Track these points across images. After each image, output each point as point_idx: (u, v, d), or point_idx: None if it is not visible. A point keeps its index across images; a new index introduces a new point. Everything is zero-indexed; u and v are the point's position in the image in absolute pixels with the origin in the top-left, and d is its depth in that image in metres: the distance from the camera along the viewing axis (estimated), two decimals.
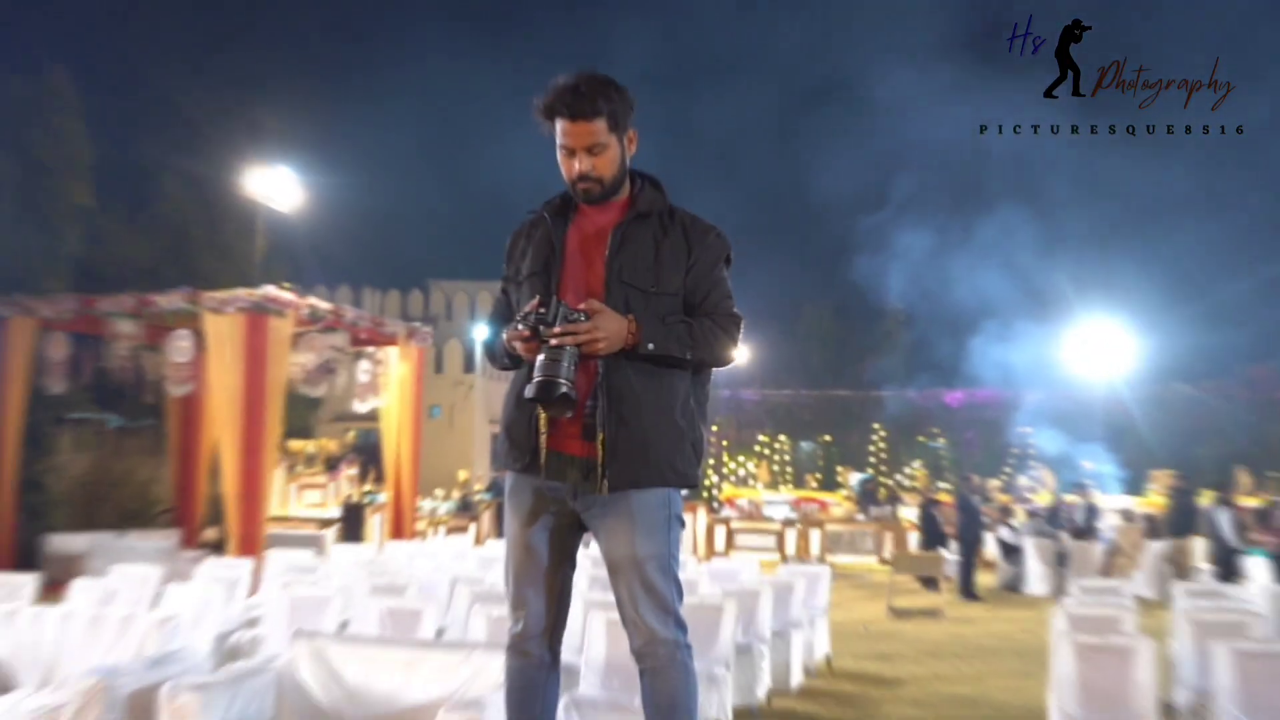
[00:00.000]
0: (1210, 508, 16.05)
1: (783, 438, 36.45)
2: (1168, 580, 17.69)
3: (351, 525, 17.27)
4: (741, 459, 34.88)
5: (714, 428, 33.18)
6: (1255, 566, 15.01)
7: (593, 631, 6.45)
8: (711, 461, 33.16)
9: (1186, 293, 34.43)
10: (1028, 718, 8.36)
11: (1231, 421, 31.43)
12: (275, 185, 17.82)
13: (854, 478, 31.96)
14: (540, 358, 3.12)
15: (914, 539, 23.06)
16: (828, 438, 37.70)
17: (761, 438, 35.89)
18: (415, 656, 5.26)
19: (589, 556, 12.77)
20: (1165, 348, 31.55)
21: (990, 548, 19.87)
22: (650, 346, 3.23)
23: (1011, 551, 19.26)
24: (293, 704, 5.22)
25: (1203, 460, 29.28)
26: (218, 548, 16.51)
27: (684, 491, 3.43)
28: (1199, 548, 19.32)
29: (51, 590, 9.99)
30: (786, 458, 36.22)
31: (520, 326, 3.20)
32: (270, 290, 13.76)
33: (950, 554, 17.70)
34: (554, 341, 3.12)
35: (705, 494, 30.45)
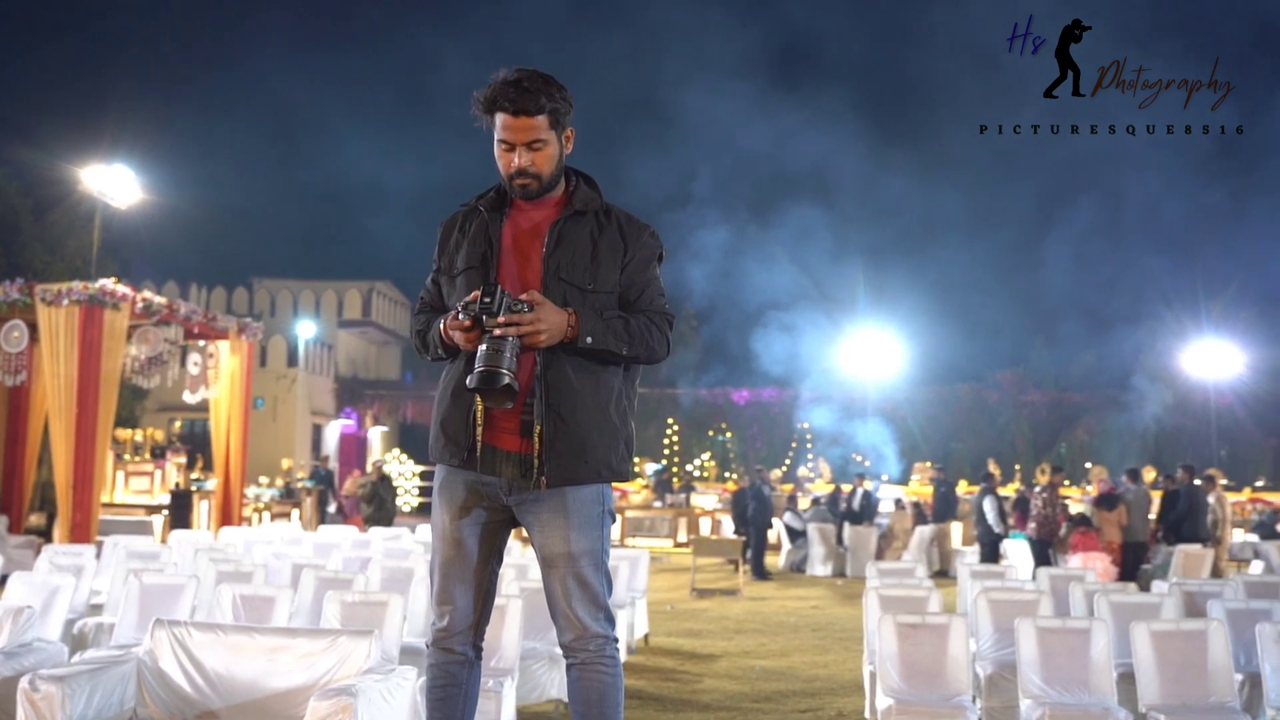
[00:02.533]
0: (976, 496, 16.58)
1: None
2: (933, 561, 18.35)
3: (180, 511, 16.44)
4: None
5: None
6: (1015, 549, 15.57)
7: None
8: None
9: (949, 305, 35.80)
10: (835, 688, 8.45)
11: (984, 420, 32.78)
12: (111, 181, 16.86)
13: (650, 468, 32.14)
14: (482, 348, 2.90)
15: (707, 524, 23.41)
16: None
17: None
18: (278, 643, 4.90)
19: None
20: (930, 353, 32.77)
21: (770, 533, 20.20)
22: (589, 340, 3.03)
23: (796, 535, 19.63)
24: (155, 693, 4.81)
25: (960, 454, 30.51)
26: (44, 534, 15.60)
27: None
28: (957, 532, 20.09)
29: None
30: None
31: (461, 316, 2.96)
32: (106, 284, 13.05)
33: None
34: (497, 332, 2.89)
35: None
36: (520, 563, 9.16)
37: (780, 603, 14.48)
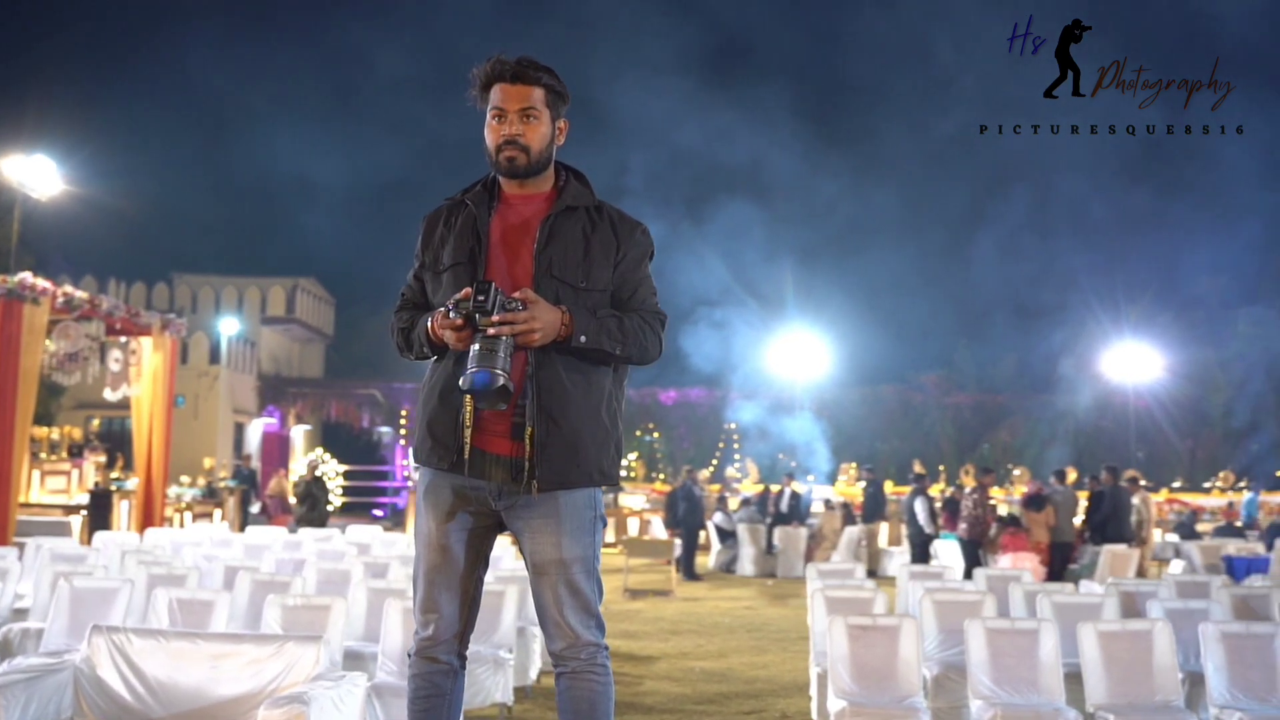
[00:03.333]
0: (907, 497, 16.73)
1: None
2: (863, 561, 18.48)
3: (99, 512, 16.04)
4: None
5: None
6: (945, 549, 15.73)
7: (389, 620, 6.07)
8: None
9: (878, 306, 36.18)
10: (776, 689, 8.44)
11: (910, 421, 33.15)
12: (31, 172, 16.37)
13: None
14: (475, 347, 2.79)
15: (635, 525, 23.37)
16: None
17: None
18: (222, 650, 4.77)
19: (381, 539, 12.33)
20: (857, 354, 33.07)
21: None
22: (583, 339, 2.94)
23: (726, 536, 19.67)
24: (93, 702, 4.65)
25: (886, 455, 30.81)
26: None
27: None
28: (883, 531, 20.27)
29: None
30: None
31: (452, 314, 2.86)
32: (26, 278, 12.66)
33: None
34: (491, 331, 2.79)
35: None
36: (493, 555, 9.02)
37: (713, 603, 14.48)
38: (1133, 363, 28.81)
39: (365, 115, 51.23)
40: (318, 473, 18.26)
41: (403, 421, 32.25)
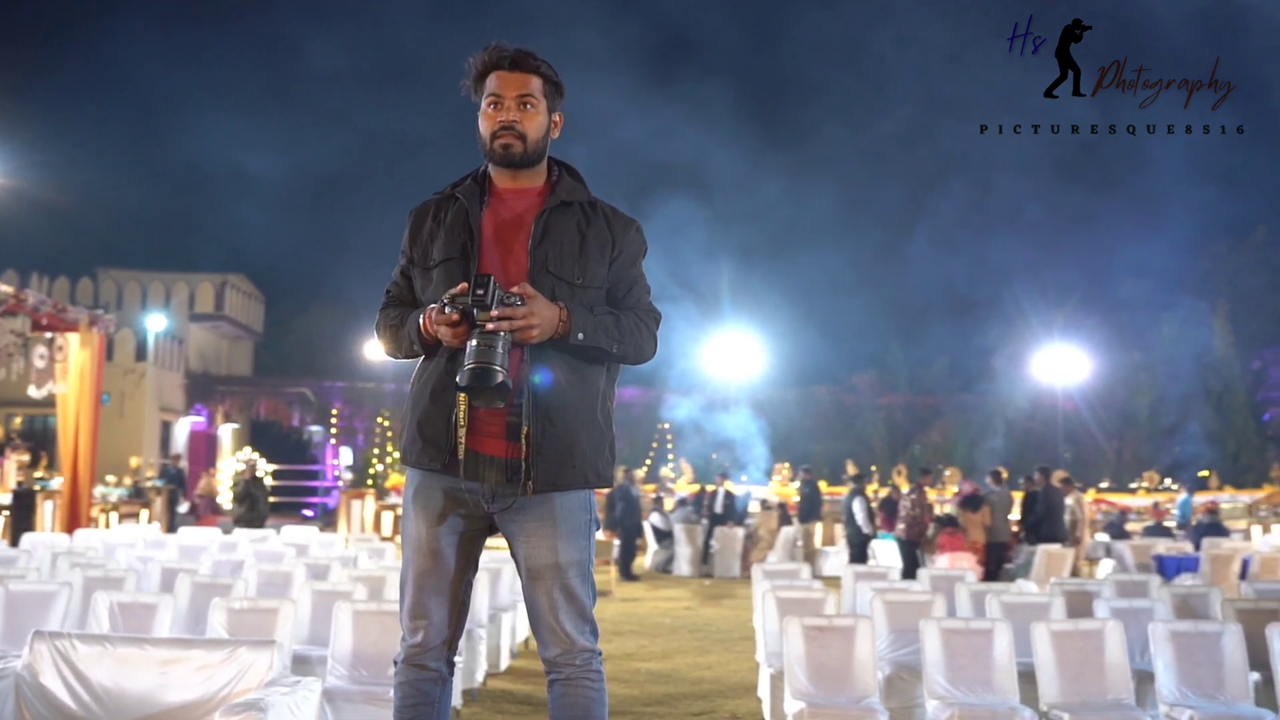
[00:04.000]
0: (846, 498, 16.82)
1: None
2: (799, 561, 18.56)
3: (22, 512, 15.65)
4: None
5: (381, 420, 32.37)
6: (883, 549, 15.84)
7: (339, 623, 5.96)
8: (376, 451, 32.37)
9: (813, 307, 36.35)
10: (724, 690, 8.42)
11: (843, 422, 33.41)
12: None
13: None
14: (472, 343, 2.70)
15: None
16: None
17: None
18: (171, 655, 4.64)
19: (318, 540, 12.12)
20: (792, 355, 33.23)
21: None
22: (580, 336, 2.87)
23: (663, 536, 19.67)
24: (36, 710, 4.49)
25: (819, 455, 30.98)
26: None
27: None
28: (818, 531, 20.39)
29: None
30: None
31: (449, 310, 2.77)
32: None
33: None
34: (490, 326, 2.71)
35: (372, 481, 29.66)
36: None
37: (653, 604, 14.45)
38: (1061, 364, 29.24)
39: (301, 108, 50.52)
40: (258, 473, 17.93)
41: (333, 420, 31.87)
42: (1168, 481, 28.57)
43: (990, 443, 31.33)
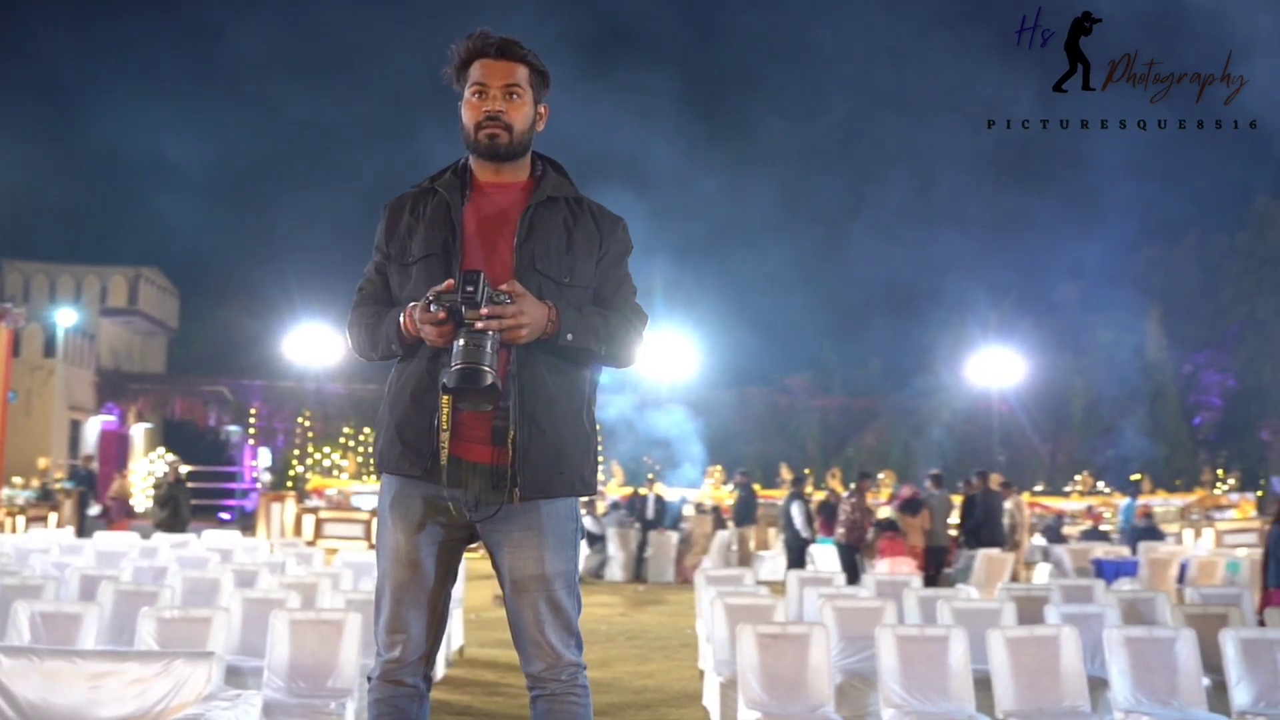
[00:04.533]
0: (784, 502, 16.89)
1: (367, 430, 35.58)
2: (734, 565, 18.59)
3: None
4: (328, 450, 33.73)
5: (302, 420, 32.00)
6: (822, 554, 15.92)
7: (276, 633, 5.83)
8: (296, 452, 32.01)
9: (745, 309, 36.48)
10: (668, 699, 8.40)
11: (776, 424, 33.59)
12: None
13: None
14: (460, 343, 2.62)
15: None
16: None
17: (347, 430, 34.87)
18: (102, 668, 4.49)
19: (242, 545, 11.88)
20: (725, 356, 33.32)
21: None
22: (569, 337, 2.80)
23: (594, 540, 19.61)
24: None
25: (752, 457, 31.12)
26: None
27: None
28: (752, 535, 20.45)
29: None
30: (371, 450, 35.34)
31: (434, 308, 2.69)
32: None
33: None
34: (479, 325, 2.63)
35: (291, 484, 29.28)
36: (363, 561, 8.81)
37: (587, 610, 14.13)
38: (996, 365, 29.63)
39: (222, 95, 49.50)
40: (181, 474, 17.54)
41: (251, 420, 31.41)
42: (1101, 485, 29.06)
43: (925, 446, 31.69)
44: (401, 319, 2.85)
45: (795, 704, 5.69)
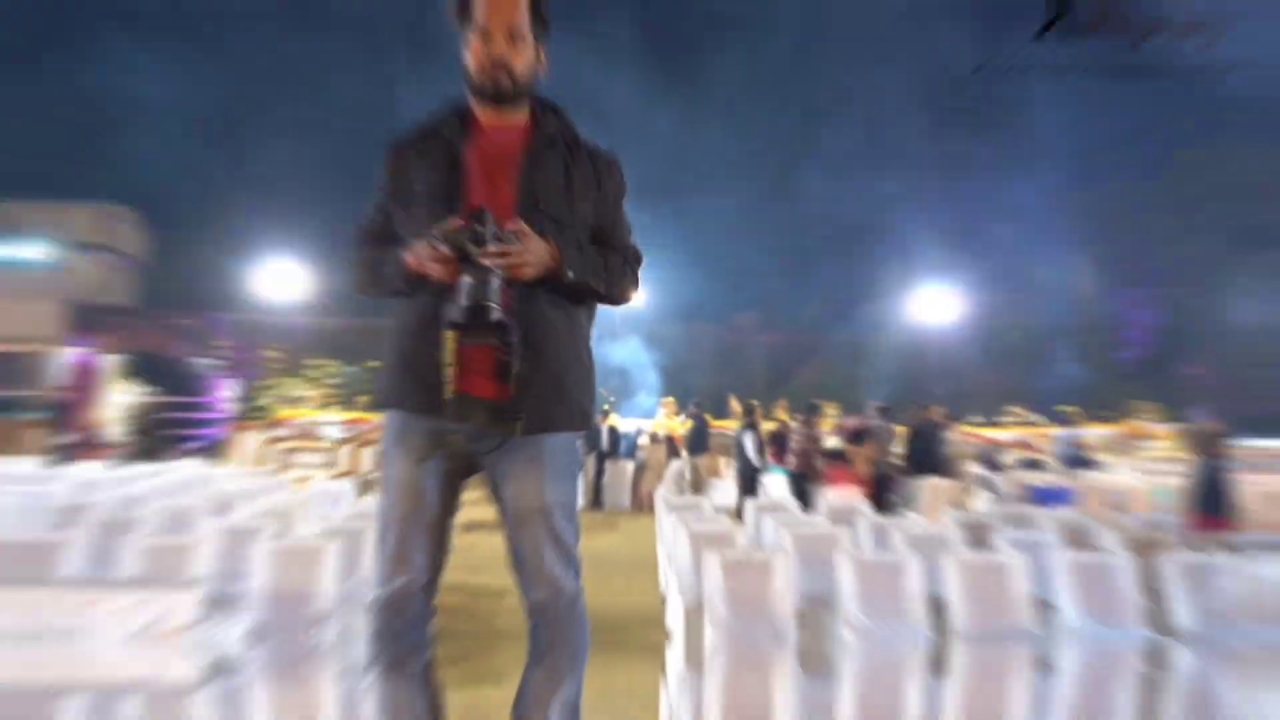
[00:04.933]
0: (737, 432, 16.91)
1: (333, 362, 35.32)
2: (687, 493, 18.69)
3: None
4: (294, 381, 33.45)
5: (270, 352, 31.65)
6: (773, 482, 15.98)
7: (258, 561, 5.74)
8: (264, 384, 31.71)
9: (701, 249, 36.32)
10: (635, 619, 8.37)
11: (723, 357, 33.72)
12: None
13: None
14: (466, 280, 2.55)
15: None
16: (374, 363, 36.88)
17: (313, 362, 34.60)
18: (87, 597, 4.41)
19: (216, 475, 11.70)
20: (677, 295, 33.27)
21: None
22: (571, 275, 2.75)
23: None
24: None
25: (701, 389, 31.20)
26: None
27: None
28: (704, 463, 20.53)
29: None
30: (337, 381, 35.10)
31: (440, 245, 2.59)
32: None
33: None
34: (486, 262, 2.54)
35: (260, 414, 29.02)
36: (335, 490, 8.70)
37: None
38: (935, 302, 29.75)
39: (195, 31, 48.23)
40: (157, 406, 17.27)
41: (222, 351, 31.04)
42: (1034, 417, 29.37)
43: (868, 379, 31.89)
44: (406, 256, 2.75)
45: (758, 626, 5.69)
